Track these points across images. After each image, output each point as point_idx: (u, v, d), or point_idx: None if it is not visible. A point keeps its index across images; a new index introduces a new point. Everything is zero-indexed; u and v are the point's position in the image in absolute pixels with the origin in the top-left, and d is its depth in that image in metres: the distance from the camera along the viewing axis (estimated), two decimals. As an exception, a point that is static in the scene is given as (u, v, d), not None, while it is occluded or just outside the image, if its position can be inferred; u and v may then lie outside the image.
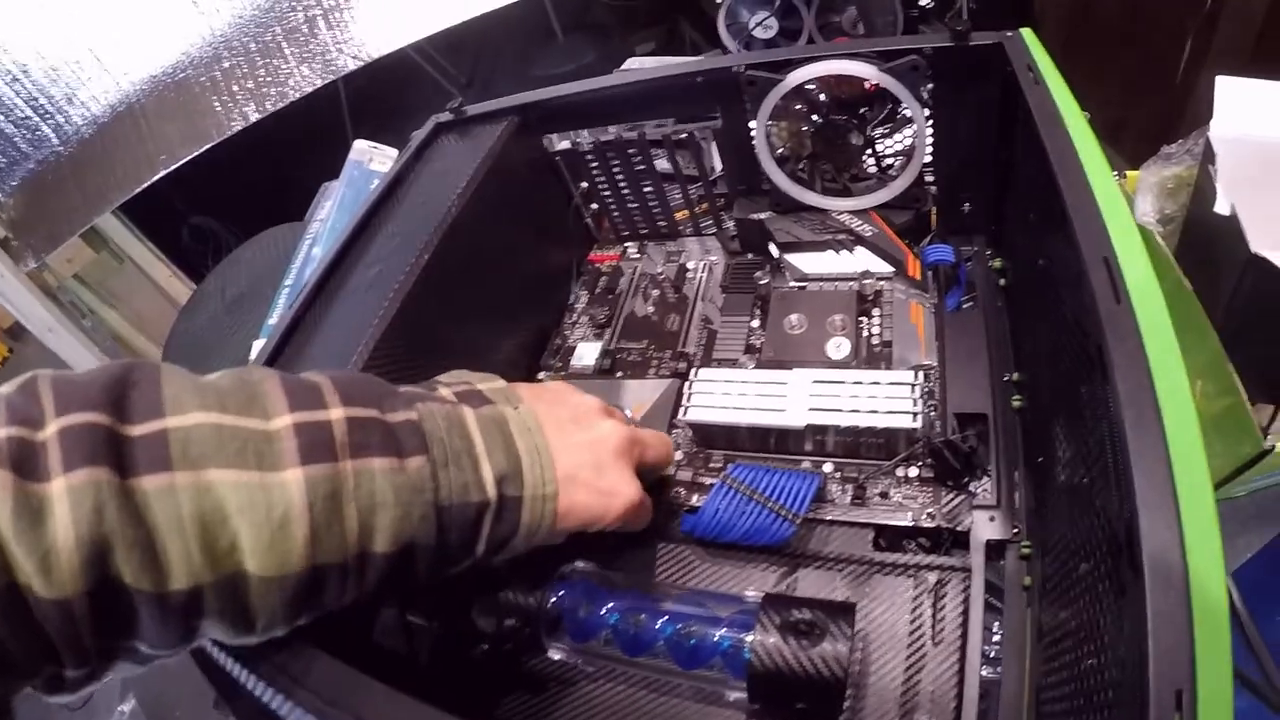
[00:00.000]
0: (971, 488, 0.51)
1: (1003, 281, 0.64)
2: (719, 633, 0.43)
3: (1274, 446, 0.53)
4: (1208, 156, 0.71)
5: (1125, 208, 0.42)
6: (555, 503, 0.41)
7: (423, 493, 0.36)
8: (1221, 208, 0.57)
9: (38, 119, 1.31)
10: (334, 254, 0.60)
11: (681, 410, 0.57)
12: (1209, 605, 0.27)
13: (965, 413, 0.55)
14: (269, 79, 1.31)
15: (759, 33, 0.90)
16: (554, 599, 0.47)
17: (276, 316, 0.96)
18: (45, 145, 1.33)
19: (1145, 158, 0.99)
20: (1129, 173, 0.79)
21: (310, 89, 1.29)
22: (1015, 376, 0.57)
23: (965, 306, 0.63)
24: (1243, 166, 0.61)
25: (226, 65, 1.31)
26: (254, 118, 1.31)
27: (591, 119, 0.68)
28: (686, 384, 0.58)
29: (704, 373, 0.58)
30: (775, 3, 0.87)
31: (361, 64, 1.26)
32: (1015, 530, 0.48)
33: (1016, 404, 0.55)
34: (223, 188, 1.45)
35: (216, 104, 1.32)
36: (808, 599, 0.44)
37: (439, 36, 1.28)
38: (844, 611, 0.42)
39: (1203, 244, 0.72)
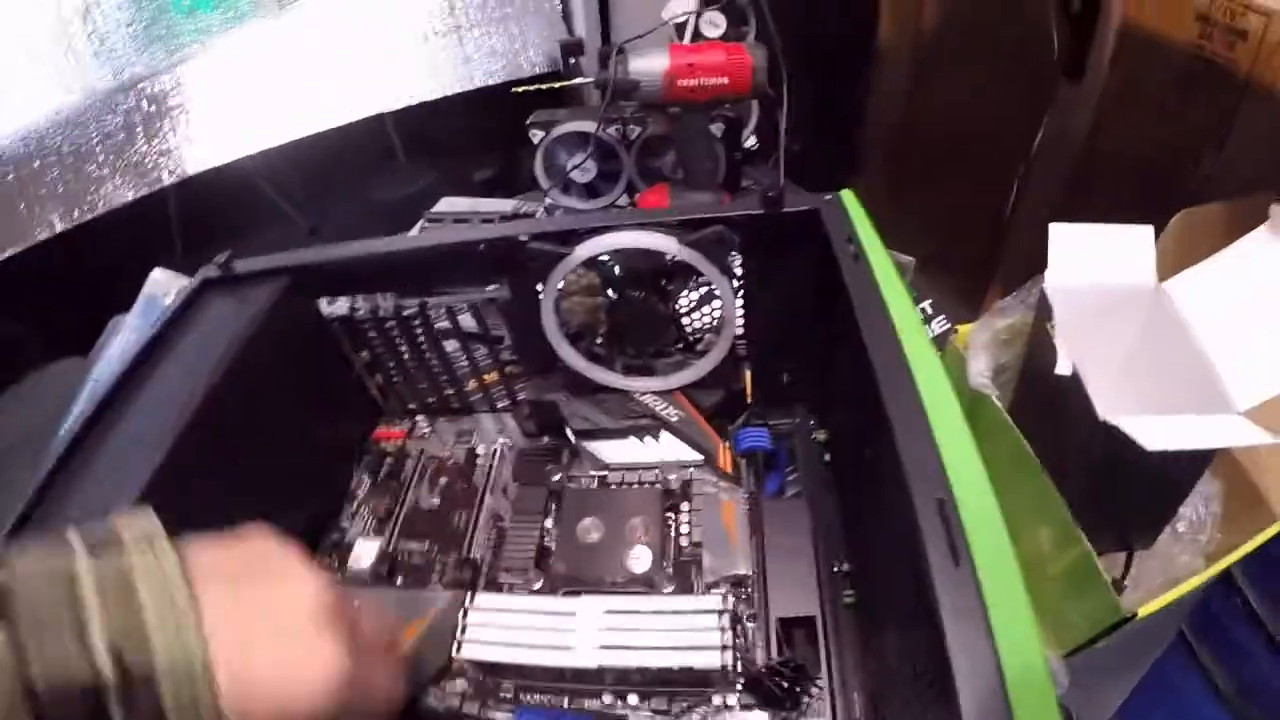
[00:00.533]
0: (806, 702, 0.46)
1: (827, 457, 0.60)
2: None
3: (1134, 614, 0.50)
4: (1043, 309, 0.69)
5: (960, 421, 0.38)
6: (209, 677, 0.30)
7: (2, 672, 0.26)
8: (1063, 369, 0.54)
9: None
10: (90, 413, 0.53)
11: (457, 645, 0.49)
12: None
13: (791, 617, 0.50)
14: (79, 187, 1.20)
15: (577, 176, 0.86)
16: None
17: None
18: None
19: (971, 295, 1.00)
20: (960, 328, 0.76)
21: (124, 201, 1.18)
22: (845, 567, 0.53)
23: (788, 492, 0.59)
24: (1080, 317, 0.59)
25: (35, 166, 1.19)
26: (60, 227, 1.19)
27: (370, 284, 0.61)
28: (461, 613, 0.50)
29: (481, 599, 0.50)
30: (597, 149, 0.83)
31: (177, 179, 1.16)
32: None
33: (849, 600, 0.51)
34: (28, 289, 1.31)
35: (22, 208, 1.20)
36: None
37: (275, 153, 1.20)
38: None
39: (1042, 399, 0.69)
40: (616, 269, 0.57)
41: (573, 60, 1.06)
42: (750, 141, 0.88)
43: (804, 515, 0.55)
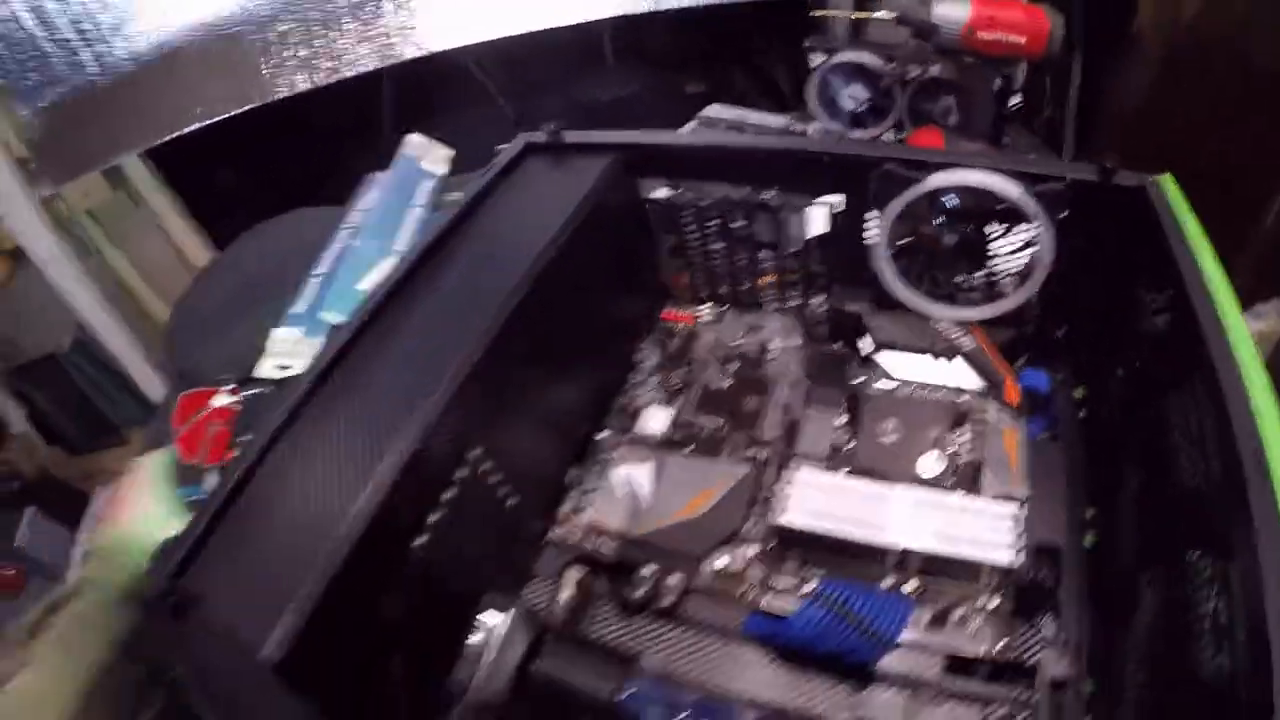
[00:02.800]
0: (1042, 622, 0.50)
1: (1083, 412, 0.63)
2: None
3: None
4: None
5: (1268, 387, 0.39)
6: None
7: None
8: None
9: (80, 43, 1.24)
10: (404, 271, 0.56)
11: (773, 510, 0.54)
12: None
13: (1042, 545, 0.53)
14: (324, 51, 1.26)
15: (846, 104, 0.88)
16: (624, 696, 0.45)
17: (303, 306, 0.91)
18: (81, 72, 1.26)
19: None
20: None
21: (365, 70, 1.24)
22: (1090, 513, 0.55)
23: (1044, 436, 0.61)
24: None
25: (283, 29, 1.26)
26: (301, 88, 1.26)
27: (696, 173, 0.64)
28: (778, 483, 0.55)
29: (803, 474, 0.54)
30: (875, 82, 0.84)
31: (421, 55, 1.21)
32: (1079, 669, 0.48)
33: (1089, 542, 0.54)
34: (254, 150, 1.39)
35: (264, 67, 1.27)
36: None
37: (490, 42, 1.24)
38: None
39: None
40: (947, 202, 0.59)
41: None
42: (1015, 100, 0.88)
43: (1060, 458, 0.58)
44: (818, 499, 0.53)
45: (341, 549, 0.39)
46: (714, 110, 0.97)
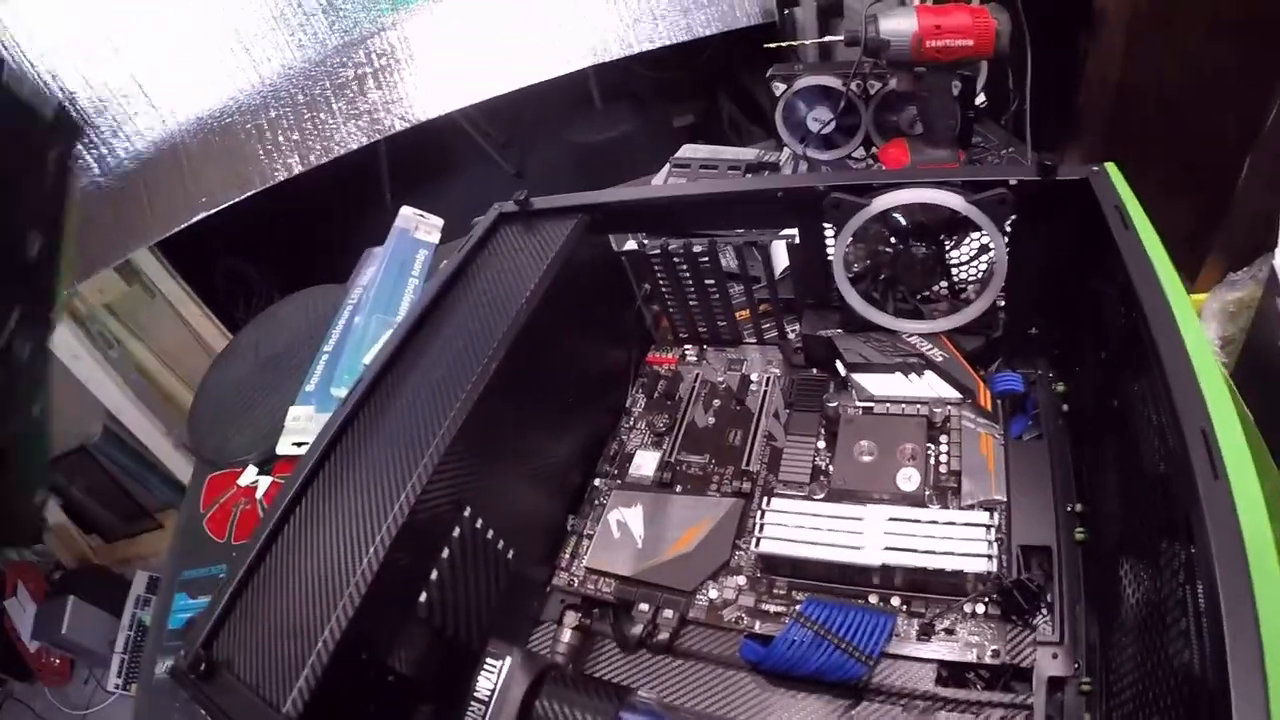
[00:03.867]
0: (1034, 623, 0.51)
1: (1065, 407, 0.64)
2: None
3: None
4: (1272, 285, 0.71)
5: (1217, 372, 0.41)
6: None
7: None
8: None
9: (81, 147, 1.31)
10: (394, 346, 0.59)
11: (753, 540, 0.56)
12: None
13: (1030, 545, 0.54)
14: (314, 132, 1.32)
15: (815, 127, 0.91)
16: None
17: (313, 383, 0.95)
18: (86, 174, 1.33)
19: (1186, 266, 0.99)
20: (1193, 297, 0.78)
21: (355, 146, 1.29)
22: (1078, 508, 0.57)
23: (1029, 436, 0.62)
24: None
25: (273, 114, 1.32)
26: (297, 169, 1.31)
27: (662, 225, 0.68)
28: (758, 512, 0.57)
29: (776, 502, 0.57)
30: (838, 102, 0.87)
31: (408, 125, 1.26)
32: (1076, 666, 0.48)
33: (1080, 537, 0.55)
34: (259, 234, 1.45)
35: (260, 152, 1.32)
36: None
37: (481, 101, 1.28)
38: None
39: (1267, 372, 0.71)
40: (902, 220, 0.62)
41: (787, 11, 1.10)
42: (980, 100, 0.90)
43: (1044, 456, 0.59)
44: (791, 525, 0.55)
45: (348, 611, 0.43)
46: (686, 151, 1.01)
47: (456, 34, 1.28)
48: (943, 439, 0.61)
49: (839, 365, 0.66)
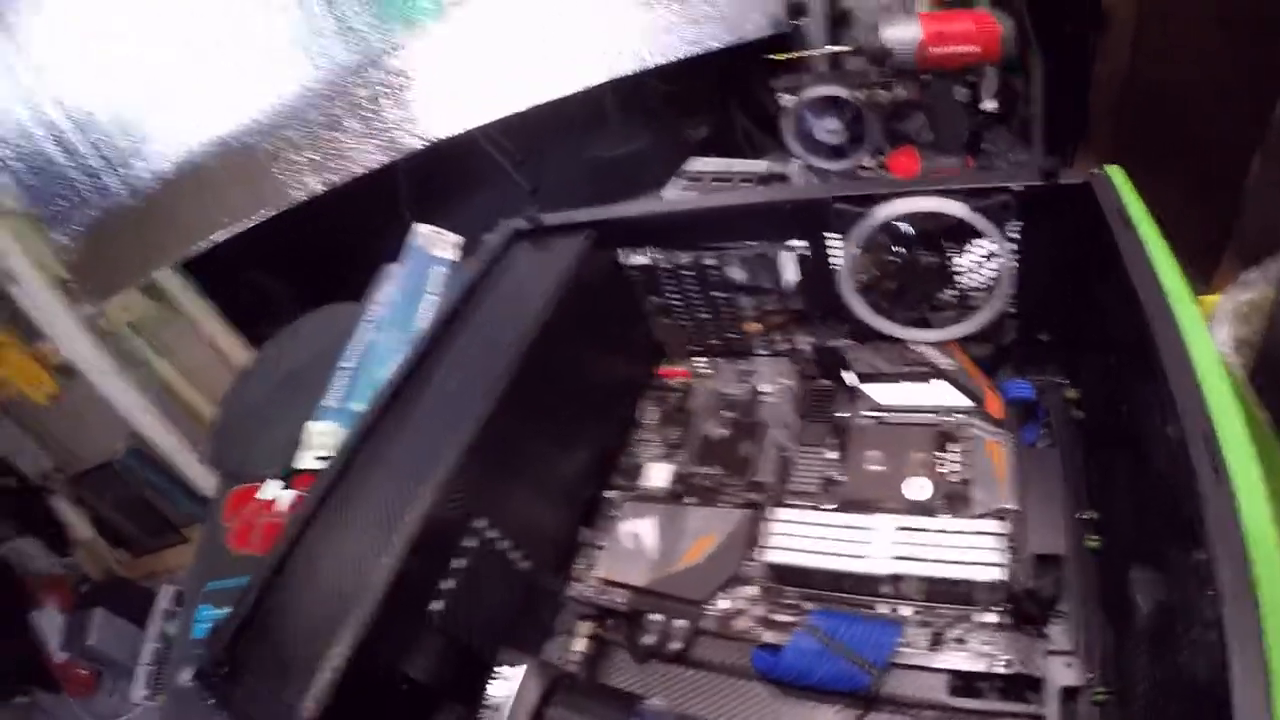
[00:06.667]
0: (1047, 631, 0.51)
1: (1076, 413, 0.64)
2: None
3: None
4: (1285, 284, 0.71)
5: (1222, 373, 0.41)
6: None
7: None
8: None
9: (104, 168, 1.34)
10: (410, 362, 0.61)
11: (761, 550, 0.57)
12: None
13: (1042, 554, 0.53)
14: (331, 152, 1.34)
15: (824, 138, 0.91)
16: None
17: (333, 400, 0.96)
18: (110, 195, 1.36)
19: (1201, 267, 0.98)
20: (1205, 298, 0.78)
21: (374, 165, 1.31)
22: (1090, 515, 0.56)
23: (1040, 443, 0.62)
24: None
25: (290, 135, 1.34)
26: (317, 189, 1.33)
27: (670, 239, 0.68)
28: (765, 522, 0.57)
29: (784, 512, 0.57)
30: (846, 112, 0.88)
31: (425, 144, 1.28)
32: (1090, 676, 0.48)
33: (1092, 545, 0.55)
34: (279, 252, 1.47)
35: (278, 173, 1.35)
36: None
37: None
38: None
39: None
40: (907, 229, 0.62)
41: (795, 22, 1.10)
42: (989, 105, 0.91)
43: (1056, 464, 0.59)
44: (801, 536, 0.56)
45: (363, 617, 0.44)
46: (696, 164, 1.01)
47: (471, 52, 1.30)
48: (953, 447, 0.61)
49: (848, 375, 0.66)
